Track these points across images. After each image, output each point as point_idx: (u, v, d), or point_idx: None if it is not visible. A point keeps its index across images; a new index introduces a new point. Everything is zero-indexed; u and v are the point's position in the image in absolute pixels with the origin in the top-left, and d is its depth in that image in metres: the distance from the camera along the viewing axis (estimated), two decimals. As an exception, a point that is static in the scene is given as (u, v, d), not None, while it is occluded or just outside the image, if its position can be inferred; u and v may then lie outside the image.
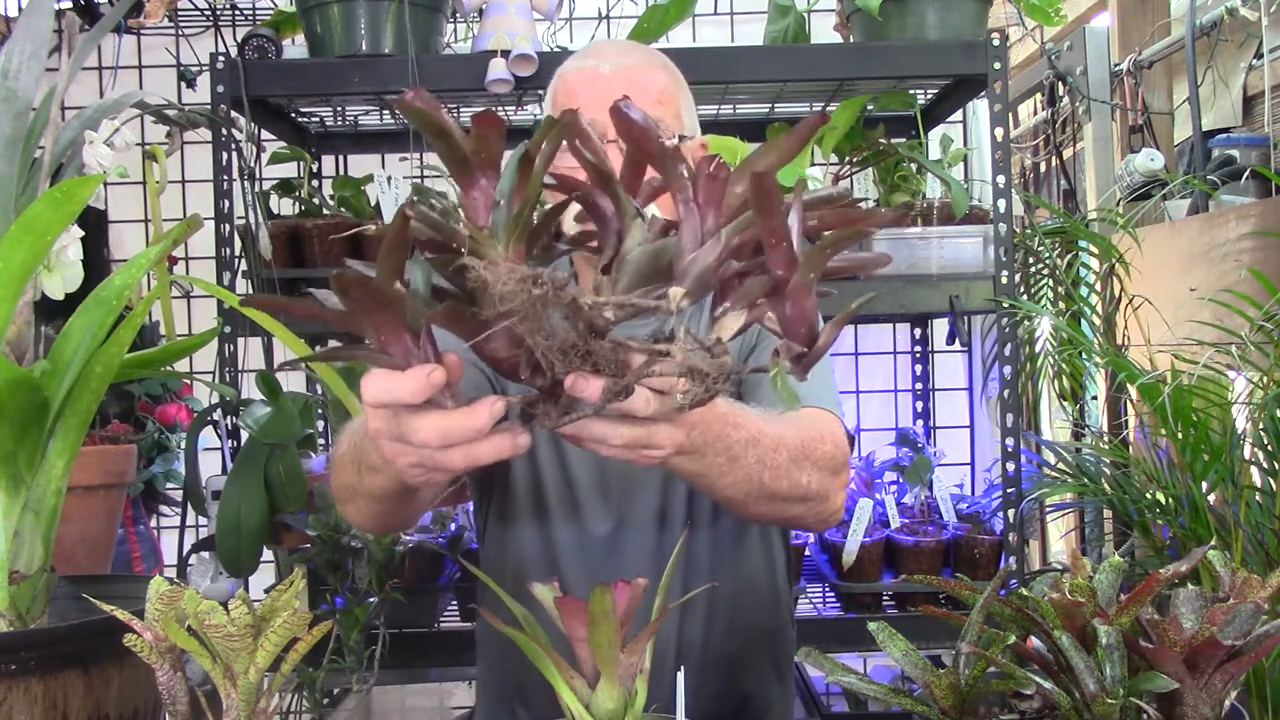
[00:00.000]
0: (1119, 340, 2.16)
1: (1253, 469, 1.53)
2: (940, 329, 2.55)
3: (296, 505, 1.65)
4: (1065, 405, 2.38)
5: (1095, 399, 2.39)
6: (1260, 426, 1.49)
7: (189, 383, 2.17)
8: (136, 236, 2.54)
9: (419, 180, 2.12)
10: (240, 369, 1.93)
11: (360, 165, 2.44)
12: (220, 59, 1.92)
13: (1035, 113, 3.00)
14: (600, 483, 1.28)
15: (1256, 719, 1.12)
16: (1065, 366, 2.23)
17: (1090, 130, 2.61)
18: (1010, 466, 1.95)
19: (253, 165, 1.97)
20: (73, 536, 1.49)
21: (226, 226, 1.94)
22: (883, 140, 2.10)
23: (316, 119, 2.32)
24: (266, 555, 1.71)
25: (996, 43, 1.92)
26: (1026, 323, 2.08)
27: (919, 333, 2.75)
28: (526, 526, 1.30)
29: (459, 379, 0.75)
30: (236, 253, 1.96)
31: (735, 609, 1.31)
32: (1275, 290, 1.53)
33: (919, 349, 2.76)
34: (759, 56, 1.99)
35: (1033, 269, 2.29)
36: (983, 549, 2.02)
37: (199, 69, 2.35)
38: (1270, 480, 1.50)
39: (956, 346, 2.44)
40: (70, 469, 1.03)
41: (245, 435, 1.71)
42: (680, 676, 0.88)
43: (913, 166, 2.04)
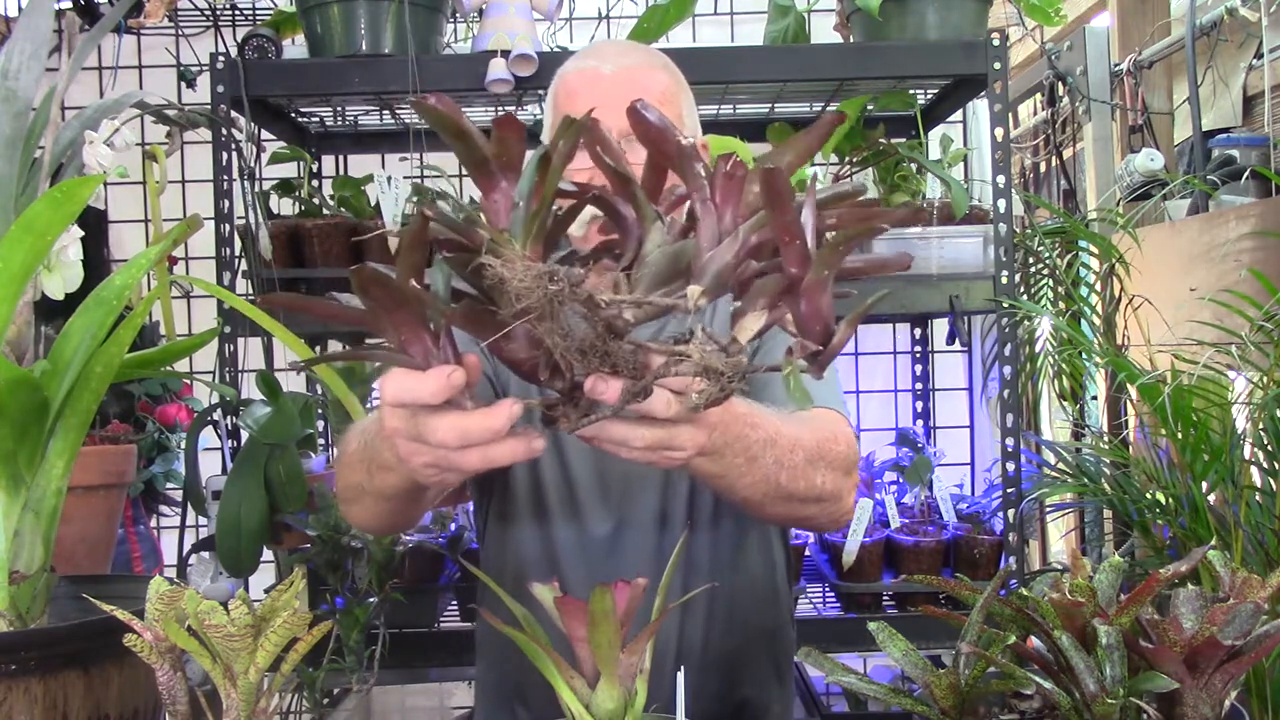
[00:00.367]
0: (1119, 340, 2.16)
1: (1253, 469, 1.53)
2: (940, 329, 2.55)
3: (296, 505, 1.65)
4: (1065, 405, 2.38)
5: (1095, 399, 2.39)
6: (1260, 426, 1.49)
7: (189, 383, 2.17)
8: (136, 236, 2.54)
9: (419, 180, 2.12)
10: (240, 369, 1.93)
11: (360, 165, 2.44)
12: (220, 59, 1.92)
13: (1035, 113, 3.00)
14: (600, 484, 1.28)
15: (1256, 719, 1.12)
16: (1065, 366, 2.23)
17: (1090, 130, 2.61)
18: (1010, 466, 1.95)
19: (253, 165, 1.97)
20: (73, 536, 1.49)
21: (226, 226, 1.94)
22: (883, 140, 2.10)
23: (316, 119, 2.32)
24: (266, 555, 1.72)
25: (996, 43, 1.92)
26: (1026, 323, 2.08)
27: (919, 333, 2.75)
28: (527, 527, 1.30)
29: (478, 379, 0.75)
30: (236, 253, 1.96)
31: (735, 609, 1.31)
32: (1275, 290, 1.53)
33: (919, 349, 2.76)
34: (759, 56, 1.99)
35: (1033, 269, 2.29)
36: (983, 549, 2.02)
37: (199, 69, 2.35)
38: (1270, 480, 1.50)
39: (956, 346, 2.44)
40: (70, 469, 1.03)
41: (245, 435, 1.72)
42: (680, 676, 0.88)
43: (913, 166, 2.04)
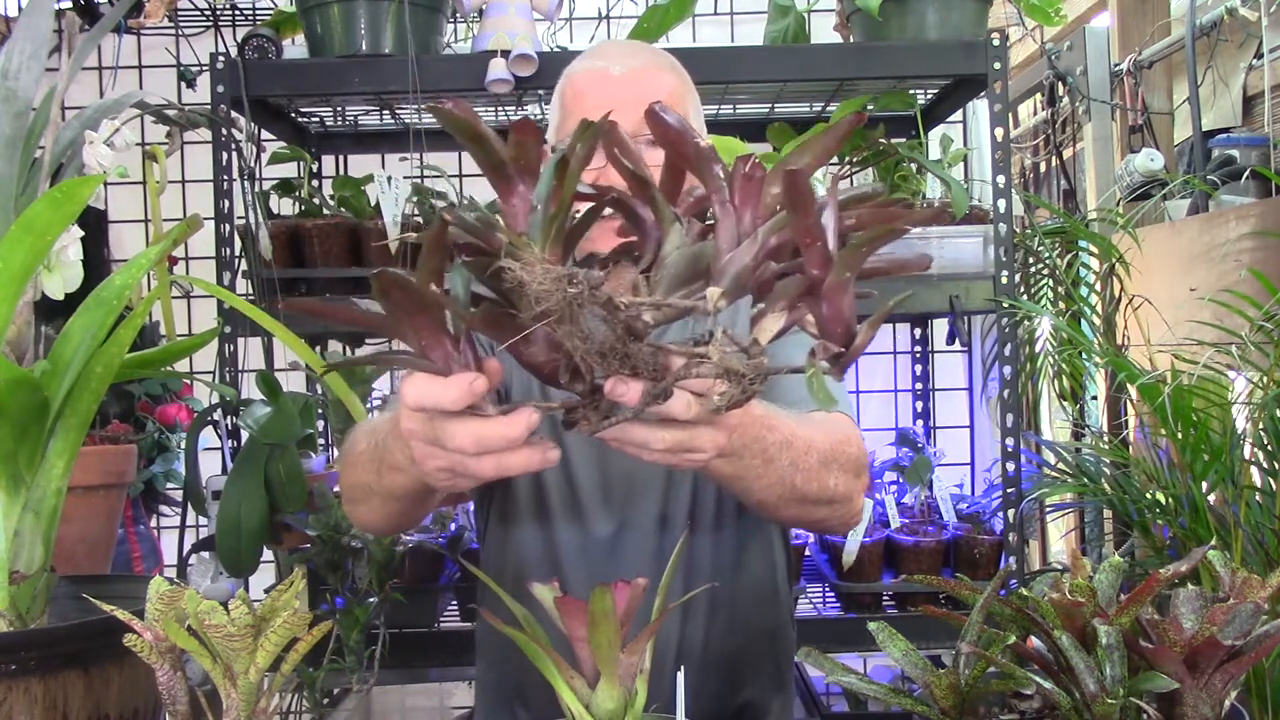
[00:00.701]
0: (1119, 340, 2.16)
1: (1253, 469, 1.53)
2: (940, 329, 2.55)
3: (296, 505, 1.65)
4: (1065, 405, 2.38)
5: (1095, 399, 2.39)
6: (1260, 426, 1.49)
7: (189, 383, 2.17)
8: (136, 236, 2.54)
9: (419, 180, 2.12)
10: (240, 369, 1.93)
11: (360, 165, 2.44)
12: (220, 59, 1.91)
13: (1035, 113, 3.00)
14: (603, 485, 1.28)
15: (1256, 719, 1.12)
16: (1065, 366, 2.23)
17: (1090, 130, 2.61)
18: (1010, 466, 1.95)
19: (253, 165, 1.96)
20: (73, 536, 1.49)
21: (226, 226, 1.94)
22: (883, 140, 2.10)
23: (316, 119, 2.32)
24: (266, 555, 1.71)
25: (996, 43, 1.92)
26: (1026, 323, 2.08)
27: (919, 333, 2.75)
28: (528, 528, 1.30)
29: (498, 384, 0.75)
30: (236, 253, 1.96)
31: (735, 609, 1.31)
32: (1275, 290, 1.53)
33: (919, 349, 2.76)
34: (759, 56, 1.99)
35: (1033, 269, 2.29)
36: (983, 549, 2.02)
37: (199, 69, 2.35)
38: (1270, 480, 1.50)
39: (956, 346, 2.44)
40: (70, 469, 1.03)
41: (245, 435, 1.72)
42: (680, 677, 0.88)
43: (913, 166, 2.04)
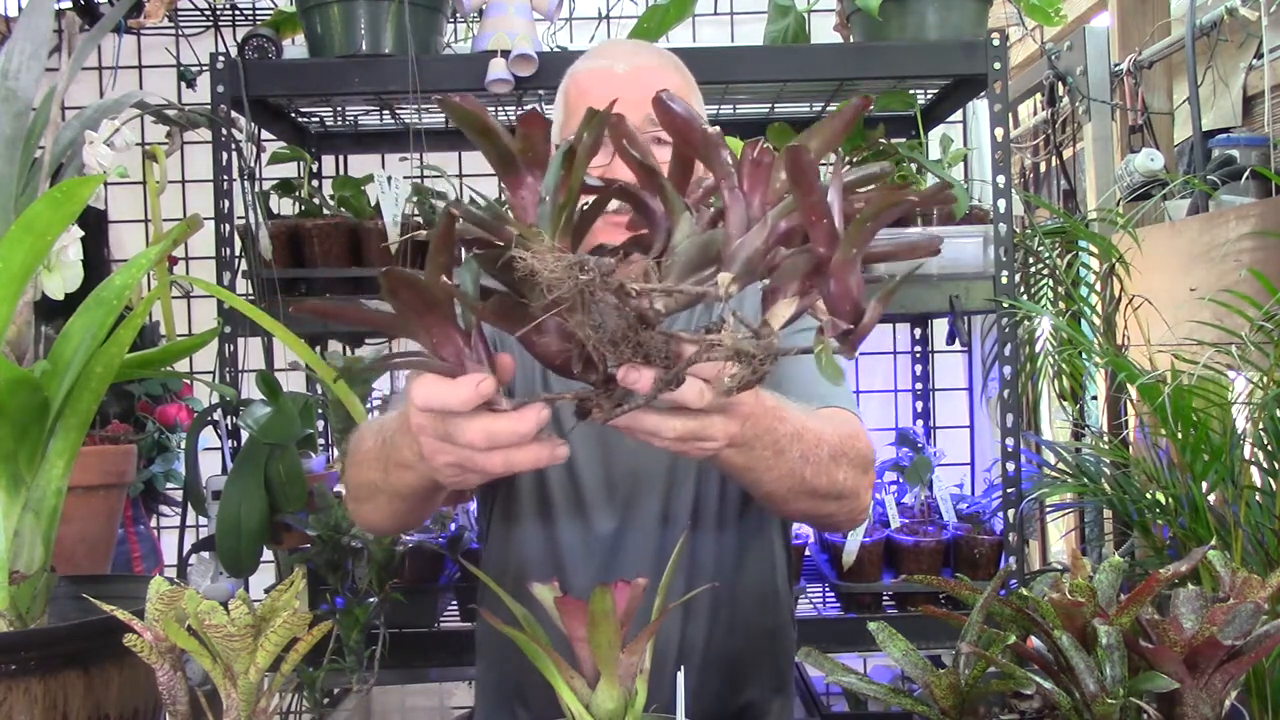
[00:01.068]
0: (1119, 340, 2.16)
1: (1253, 469, 1.53)
2: (940, 329, 2.55)
3: (296, 505, 1.65)
4: (1065, 405, 2.38)
5: (1095, 399, 2.39)
6: (1260, 426, 1.49)
7: (189, 383, 2.17)
8: (136, 236, 2.54)
9: (419, 180, 2.12)
10: (240, 369, 1.93)
11: (360, 165, 2.44)
12: (220, 59, 1.91)
13: (1035, 113, 3.00)
14: (606, 483, 1.28)
15: (1256, 719, 1.12)
16: (1065, 366, 2.23)
17: (1090, 130, 2.61)
18: (1010, 466, 1.95)
19: (253, 165, 1.97)
20: (73, 536, 1.49)
21: (226, 226, 1.94)
22: (883, 140, 2.10)
23: (316, 119, 2.32)
24: (266, 555, 1.71)
25: (996, 43, 1.92)
26: (1026, 323, 2.08)
27: (919, 333, 2.75)
28: (531, 526, 1.30)
29: (511, 379, 0.76)
30: (236, 253, 1.96)
31: (736, 609, 1.31)
32: (1275, 290, 1.53)
33: (919, 349, 2.76)
34: (759, 56, 1.99)
35: (1033, 269, 2.29)
36: (983, 549, 2.02)
37: (199, 69, 2.35)
38: (1270, 480, 1.50)
39: (956, 346, 2.44)
40: (70, 469, 1.03)
41: (245, 435, 1.71)
42: (680, 676, 0.88)
43: (913, 166, 2.04)
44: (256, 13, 2.67)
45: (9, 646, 0.94)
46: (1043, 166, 2.95)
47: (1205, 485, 1.55)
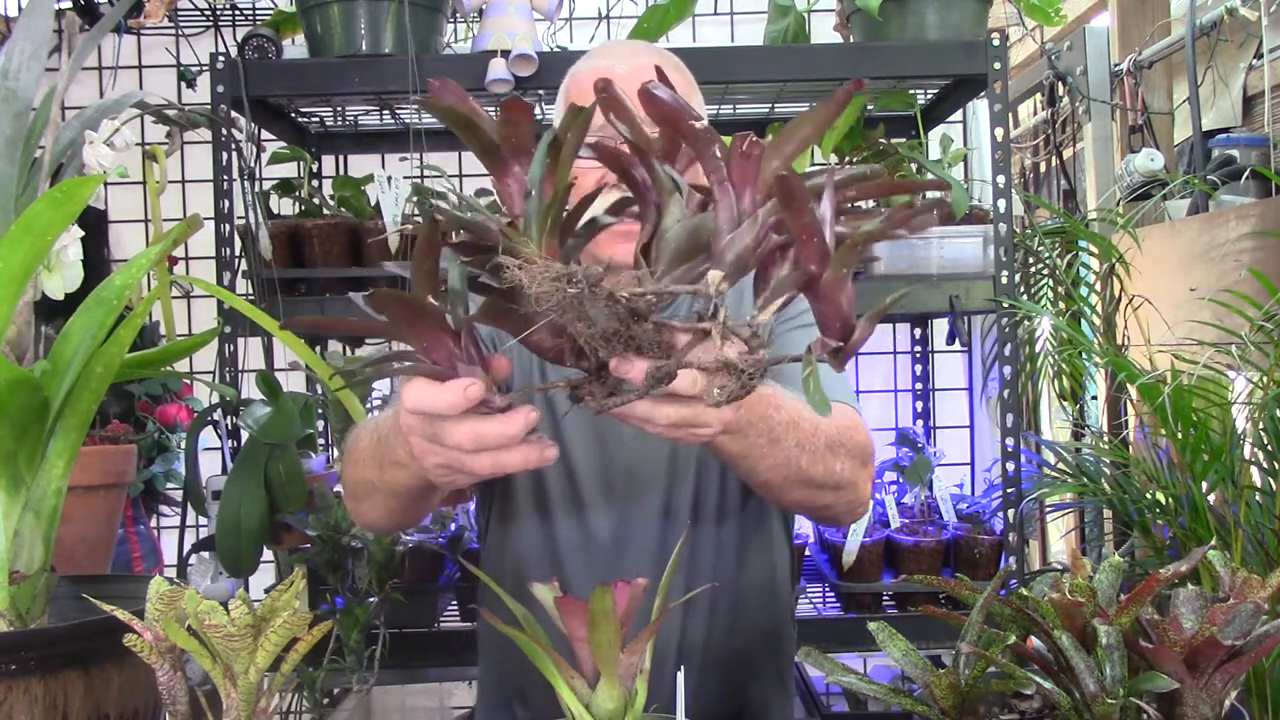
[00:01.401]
0: (1119, 340, 2.16)
1: (1253, 469, 1.53)
2: (940, 329, 2.55)
3: (296, 505, 1.65)
4: (1065, 405, 2.38)
5: (1095, 399, 2.39)
6: (1260, 426, 1.49)
7: (189, 383, 2.17)
8: (136, 236, 2.54)
9: (419, 180, 2.12)
10: (240, 369, 1.93)
11: (360, 165, 2.44)
12: (220, 59, 1.91)
13: (1035, 113, 3.00)
14: (604, 481, 1.28)
15: (1256, 719, 1.12)
16: (1065, 366, 2.23)
17: (1090, 130, 2.61)
18: (1010, 466, 1.95)
19: (253, 165, 1.96)
20: (73, 536, 1.49)
21: (226, 226, 1.94)
22: (883, 140, 2.10)
23: (316, 119, 2.32)
24: (266, 555, 1.71)
25: (996, 43, 1.92)
26: (1026, 323, 2.08)
27: (919, 333, 2.75)
28: (530, 525, 1.30)
29: (506, 377, 0.76)
30: (236, 253, 1.96)
31: (736, 609, 1.31)
32: (1275, 290, 1.53)
33: (919, 349, 2.76)
34: (759, 56, 1.99)
35: (1033, 269, 2.29)
36: (983, 549, 2.02)
37: (199, 69, 2.35)
38: (1270, 480, 1.50)
39: (956, 346, 2.44)
40: (70, 469, 1.03)
41: (245, 435, 1.71)
42: (680, 676, 0.88)
43: (913, 166, 2.04)
44: (256, 13, 2.67)
45: (9, 646, 0.94)
46: (1043, 166, 2.95)
47: (1205, 485, 1.55)
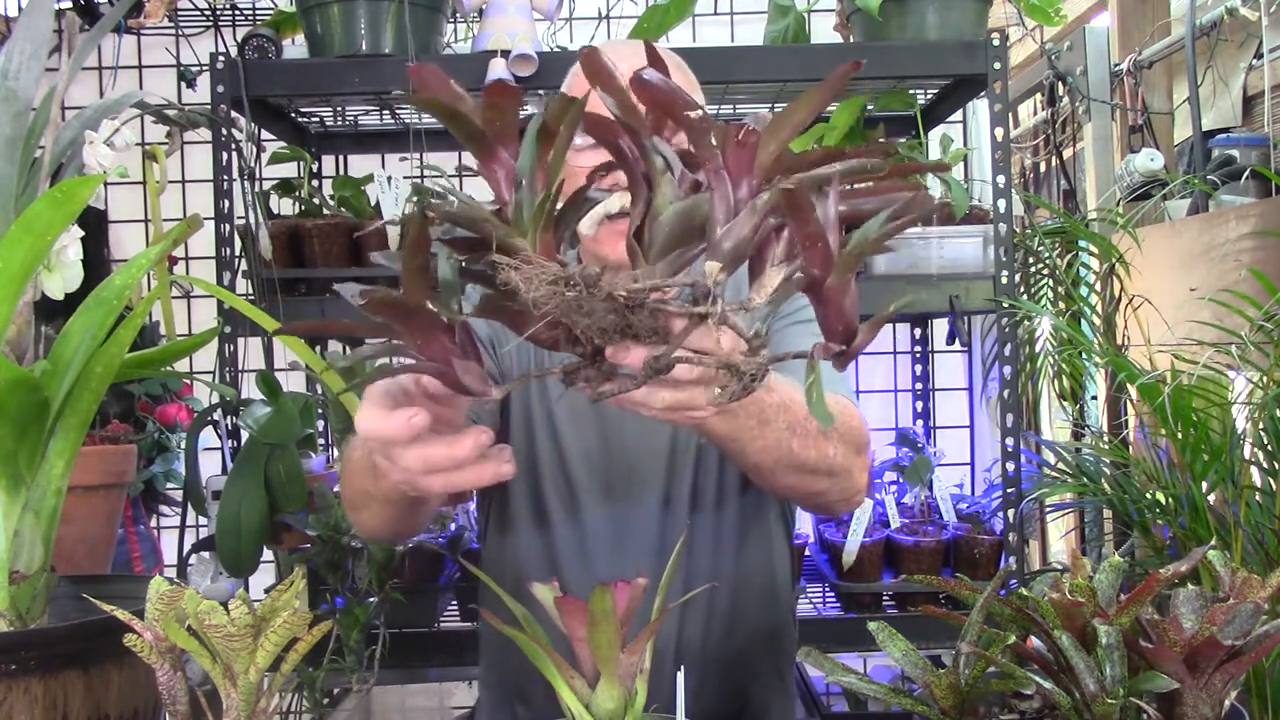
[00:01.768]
0: (1119, 340, 2.16)
1: (1253, 469, 1.53)
2: (940, 329, 2.55)
3: (296, 505, 1.65)
4: (1065, 405, 2.38)
5: (1095, 399, 2.39)
6: (1260, 426, 1.49)
7: (189, 383, 2.17)
8: (136, 236, 2.54)
9: (419, 180, 2.12)
10: (240, 369, 1.93)
11: (360, 165, 2.44)
12: (220, 59, 1.91)
13: (1035, 113, 3.00)
14: (603, 479, 1.29)
15: (1256, 719, 1.12)
16: (1065, 366, 2.23)
17: (1090, 130, 2.61)
18: (1010, 466, 1.95)
19: (253, 165, 1.96)
20: (73, 536, 1.49)
21: (226, 226, 1.94)
22: (883, 140, 2.10)
23: (316, 119, 2.32)
24: (266, 555, 1.71)
25: (996, 43, 1.92)
26: (1026, 323, 2.08)
27: (919, 333, 2.75)
28: (528, 524, 1.30)
29: (503, 366, 0.75)
30: (236, 253, 1.96)
31: (736, 608, 1.31)
32: (1275, 290, 1.53)
33: (919, 349, 2.76)
34: (759, 56, 1.99)
35: (1033, 269, 2.29)
36: (983, 549, 2.02)
37: (199, 69, 2.35)
38: (1270, 480, 1.50)
39: (956, 346, 2.44)
40: (70, 469, 1.03)
41: (245, 435, 1.71)
42: (680, 676, 0.88)
43: (913, 166, 2.04)
44: (256, 13, 2.67)
45: (9, 646, 0.94)
46: (1043, 166, 2.95)
47: (1205, 485, 1.55)
